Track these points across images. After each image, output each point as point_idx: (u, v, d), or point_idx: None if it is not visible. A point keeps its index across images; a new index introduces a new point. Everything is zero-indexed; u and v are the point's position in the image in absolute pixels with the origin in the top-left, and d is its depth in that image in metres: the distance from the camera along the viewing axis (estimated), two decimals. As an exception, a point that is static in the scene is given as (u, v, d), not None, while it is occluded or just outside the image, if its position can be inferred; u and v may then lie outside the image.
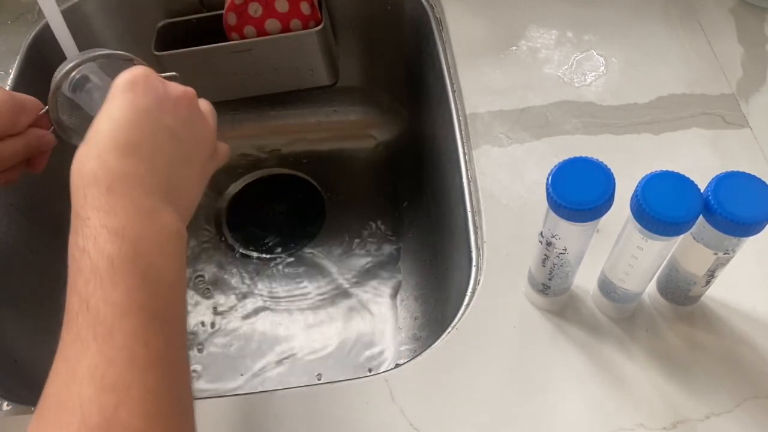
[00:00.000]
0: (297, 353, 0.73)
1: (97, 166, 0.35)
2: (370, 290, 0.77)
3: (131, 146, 0.36)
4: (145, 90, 0.39)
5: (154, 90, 0.39)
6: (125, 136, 0.36)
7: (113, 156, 0.35)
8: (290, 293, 0.77)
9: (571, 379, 0.46)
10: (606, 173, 0.38)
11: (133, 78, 0.39)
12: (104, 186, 0.34)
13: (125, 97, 0.38)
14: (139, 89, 0.38)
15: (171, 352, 0.33)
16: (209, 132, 0.44)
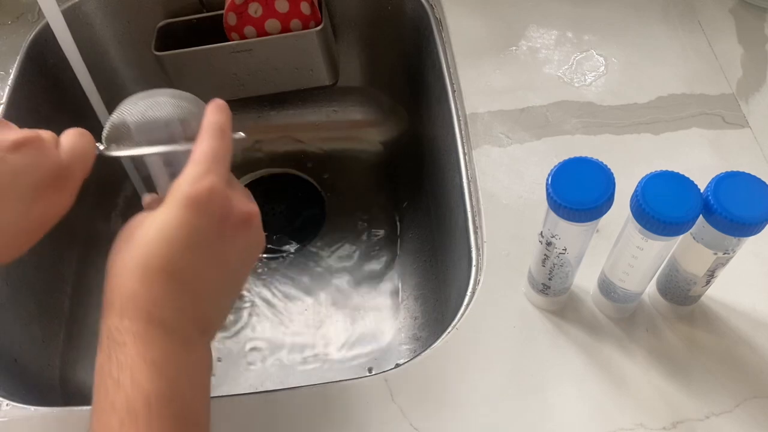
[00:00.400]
0: (297, 353, 0.73)
1: (140, 288, 0.33)
2: (370, 290, 0.77)
3: (180, 275, 0.34)
4: (209, 211, 0.35)
5: (219, 211, 0.35)
6: (176, 262, 0.34)
7: (159, 281, 0.33)
8: (290, 293, 0.77)
9: (571, 379, 0.46)
10: (606, 173, 0.38)
11: (199, 194, 0.34)
12: (145, 311, 0.32)
13: (186, 215, 0.34)
14: (203, 209, 0.35)
15: None
16: (259, 252, 0.40)
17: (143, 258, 0.33)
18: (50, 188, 0.36)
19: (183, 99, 0.42)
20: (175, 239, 0.34)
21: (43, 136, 0.37)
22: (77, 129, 0.39)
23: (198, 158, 0.37)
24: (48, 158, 0.36)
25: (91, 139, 0.39)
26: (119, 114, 0.41)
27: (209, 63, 0.73)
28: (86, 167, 0.38)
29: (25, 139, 0.36)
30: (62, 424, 0.46)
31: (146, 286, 0.33)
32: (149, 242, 0.34)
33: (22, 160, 0.35)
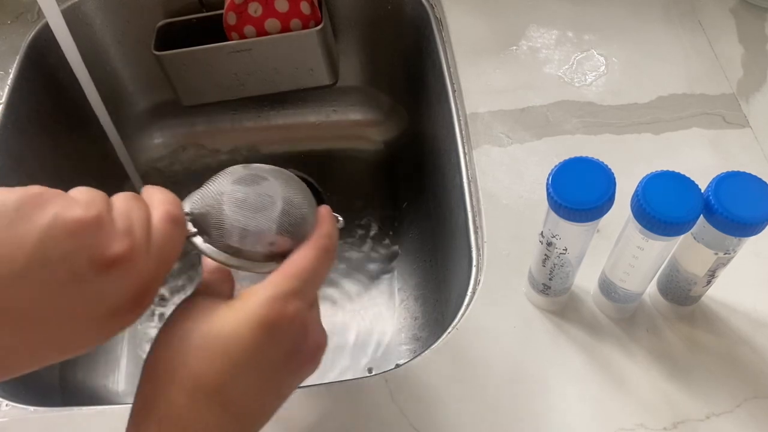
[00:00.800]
0: (297, 353, 0.73)
1: (185, 405, 0.30)
2: (370, 290, 0.77)
3: (231, 400, 0.30)
4: (284, 341, 0.32)
5: (293, 343, 0.32)
6: (232, 385, 0.30)
7: (207, 402, 0.30)
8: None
9: (572, 379, 0.46)
10: (606, 173, 0.38)
11: (279, 320, 0.31)
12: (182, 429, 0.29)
13: (257, 337, 0.31)
14: (277, 337, 0.31)
15: None
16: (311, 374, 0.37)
17: (197, 373, 0.30)
18: (131, 304, 0.30)
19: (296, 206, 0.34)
20: (237, 360, 0.30)
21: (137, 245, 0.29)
22: (171, 212, 0.31)
23: (293, 272, 0.33)
24: (139, 274, 0.29)
25: (185, 227, 0.33)
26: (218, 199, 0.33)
27: (209, 63, 0.73)
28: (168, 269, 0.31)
29: (122, 256, 0.28)
30: (62, 424, 0.46)
31: (193, 407, 0.30)
32: (208, 356, 0.30)
33: (110, 283, 0.28)
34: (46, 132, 0.72)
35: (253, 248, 0.34)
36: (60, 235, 0.26)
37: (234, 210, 0.33)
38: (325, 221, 0.35)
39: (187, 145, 0.90)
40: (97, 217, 0.28)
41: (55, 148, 0.73)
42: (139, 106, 0.87)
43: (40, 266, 0.26)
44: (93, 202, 0.28)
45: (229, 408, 0.30)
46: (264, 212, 0.33)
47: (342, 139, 0.90)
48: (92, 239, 0.27)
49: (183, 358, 0.30)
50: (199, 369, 0.30)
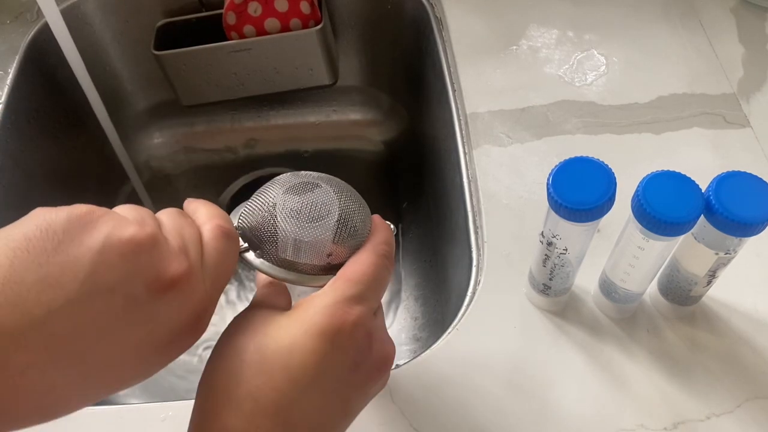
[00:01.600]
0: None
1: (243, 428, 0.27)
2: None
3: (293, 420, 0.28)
4: (348, 349, 0.29)
5: (357, 351, 0.30)
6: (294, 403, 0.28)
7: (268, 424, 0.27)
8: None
9: (572, 379, 0.46)
10: (607, 173, 0.38)
11: (341, 326, 0.29)
12: None
13: (319, 346, 0.28)
14: (340, 345, 0.29)
15: None
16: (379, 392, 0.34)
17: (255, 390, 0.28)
18: (189, 328, 0.28)
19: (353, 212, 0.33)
20: (298, 374, 0.28)
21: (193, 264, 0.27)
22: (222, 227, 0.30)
23: (354, 277, 0.31)
24: (197, 297, 0.28)
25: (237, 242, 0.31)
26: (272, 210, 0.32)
27: (209, 62, 0.73)
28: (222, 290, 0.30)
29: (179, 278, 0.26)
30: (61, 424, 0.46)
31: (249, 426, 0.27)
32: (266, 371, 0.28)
33: (167, 307, 0.27)
34: (46, 132, 0.72)
35: (309, 261, 0.32)
36: (114, 258, 0.25)
37: (288, 221, 0.31)
38: (381, 228, 0.34)
39: (187, 145, 0.89)
40: (152, 235, 0.26)
41: (54, 148, 0.73)
42: (139, 106, 0.87)
43: (94, 293, 0.24)
44: (144, 221, 0.26)
45: (286, 424, 0.28)
46: (320, 221, 0.31)
47: (342, 139, 0.90)
48: (148, 260, 0.26)
49: (239, 376, 0.28)
50: (257, 387, 0.28)
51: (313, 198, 0.32)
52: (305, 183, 0.33)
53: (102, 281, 0.24)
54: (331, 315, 0.29)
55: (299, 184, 0.33)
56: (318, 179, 0.33)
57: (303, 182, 0.33)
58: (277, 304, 0.33)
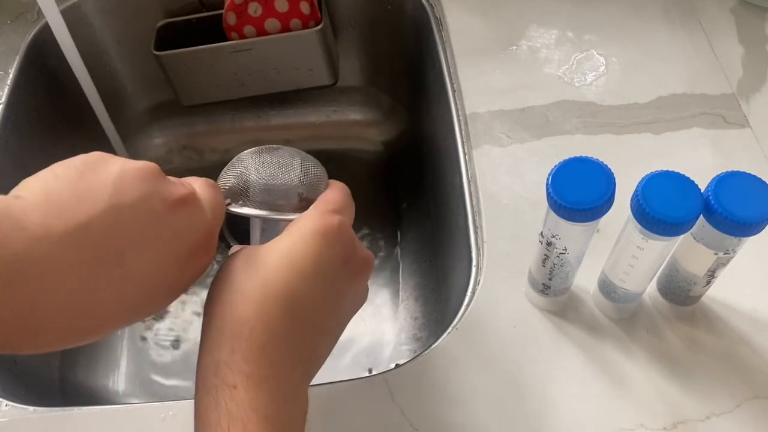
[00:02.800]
0: (297, 353, 0.73)
1: (256, 316, 0.31)
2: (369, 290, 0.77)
3: (299, 305, 0.32)
4: (337, 246, 0.34)
5: (346, 248, 0.34)
6: (297, 291, 0.32)
7: (277, 311, 0.31)
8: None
9: (572, 379, 0.46)
10: (606, 173, 0.38)
11: (329, 227, 0.34)
12: (258, 343, 0.30)
13: (314, 245, 0.33)
14: (331, 242, 0.33)
15: None
16: (363, 302, 0.39)
17: (265, 282, 0.32)
18: (201, 248, 0.32)
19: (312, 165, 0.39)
20: (300, 266, 0.32)
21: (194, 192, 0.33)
22: (208, 181, 0.35)
23: (328, 199, 0.36)
24: (202, 217, 0.33)
25: (221, 192, 0.36)
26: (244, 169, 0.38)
27: (209, 63, 0.73)
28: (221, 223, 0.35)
29: (186, 197, 0.32)
30: (61, 424, 0.46)
31: (264, 315, 0.31)
32: (271, 268, 0.32)
33: (182, 221, 0.31)
34: (46, 132, 0.72)
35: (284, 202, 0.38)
36: (132, 180, 0.29)
37: (261, 173, 0.38)
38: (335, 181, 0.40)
39: (186, 145, 0.90)
40: (158, 169, 0.31)
41: (54, 148, 0.73)
42: (139, 106, 0.87)
43: (121, 205, 0.29)
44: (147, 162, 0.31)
45: (299, 315, 0.32)
46: (287, 169, 0.38)
47: (342, 139, 0.90)
48: (159, 184, 0.31)
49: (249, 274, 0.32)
50: (265, 281, 0.31)
51: (278, 153, 0.39)
52: (268, 147, 0.39)
53: (125, 197, 0.29)
54: (321, 220, 0.34)
55: (264, 148, 0.39)
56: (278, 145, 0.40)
57: (266, 147, 0.39)
58: None
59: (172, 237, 0.31)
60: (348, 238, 0.35)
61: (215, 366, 0.30)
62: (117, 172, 0.29)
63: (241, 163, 0.38)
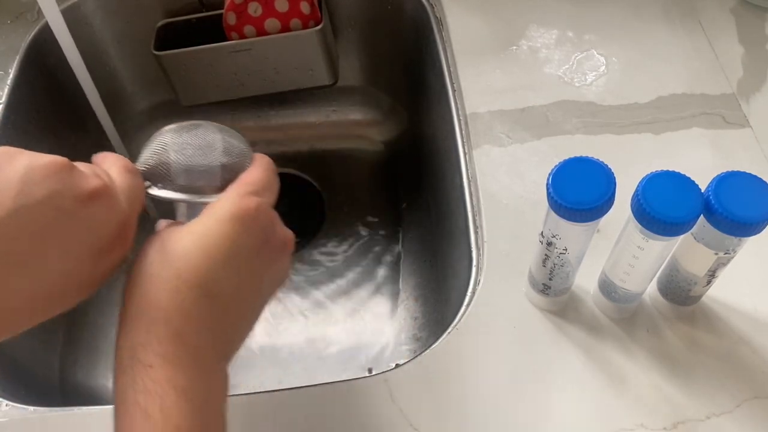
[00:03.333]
0: (297, 353, 0.73)
1: (171, 303, 0.31)
2: (369, 290, 0.77)
3: (214, 291, 0.32)
4: (254, 229, 0.34)
5: (263, 231, 0.35)
6: (212, 277, 0.32)
7: (192, 297, 0.31)
8: (290, 293, 0.77)
9: (572, 379, 0.46)
10: (606, 173, 0.38)
11: (246, 210, 0.34)
12: (173, 328, 0.31)
13: (229, 228, 0.33)
14: (247, 225, 0.33)
15: None
16: (285, 280, 0.39)
17: (177, 269, 0.32)
18: (116, 240, 0.32)
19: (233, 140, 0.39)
20: (214, 252, 0.32)
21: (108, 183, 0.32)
22: (126, 166, 0.35)
23: (247, 180, 0.36)
24: (117, 209, 0.32)
25: (141, 177, 0.36)
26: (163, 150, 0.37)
27: (209, 63, 0.73)
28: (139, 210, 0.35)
29: (99, 190, 0.31)
30: (61, 424, 0.46)
31: (178, 302, 0.31)
32: (185, 253, 0.32)
33: (94, 215, 0.30)
34: (46, 132, 0.72)
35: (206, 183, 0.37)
36: (39, 177, 0.28)
37: (180, 155, 0.36)
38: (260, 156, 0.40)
39: (187, 145, 0.89)
40: (68, 162, 0.30)
41: (54, 148, 0.73)
42: (139, 106, 0.87)
43: (27, 206, 0.28)
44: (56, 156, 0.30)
45: (215, 299, 0.32)
46: (208, 148, 0.37)
47: (342, 139, 0.90)
48: (68, 179, 0.29)
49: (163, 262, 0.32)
50: (178, 268, 0.32)
51: (198, 133, 0.37)
52: (188, 124, 0.38)
53: (31, 196, 0.28)
54: (238, 203, 0.34)
55: (183, 126, 0.38)
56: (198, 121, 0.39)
57: (186, 124, 0.38)
58: None
59: (84, 232, 0.30)
60: (266, 220, 0.35)
61: (132, 348, 0.30)
62: (23, 169, 0.28)
63: (161, 142, 0.37)
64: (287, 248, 0.37)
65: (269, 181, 0.37)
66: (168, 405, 0.29)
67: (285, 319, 0.75)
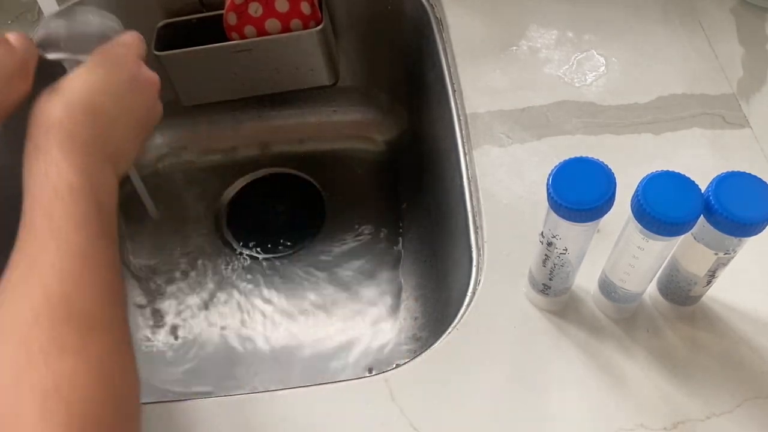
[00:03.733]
0: (297, 353, 0.73)
1: (64, 114, 0.40)
2: (370, 290, 0.77)
3: (97, 109, 0.42)
4: (123, 67, 0.45)
5: (130, 71, 0.46)
6: (94, 100, 0.42)
7: (79, 110, 0.41)
8: (290, 293, 0.77)
9: (572, 379, 0.46)
10: (606, 173, 0.38)
11: (114, 55, 0.45)
12: (66, 130, 0.40)
13: (104, 68, 0.44)
14: (117, 65, 0.45)
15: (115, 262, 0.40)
16: (158, 114, 0.50)
17: (67, 96, 0.41)
18: (17, 77, 0.43)
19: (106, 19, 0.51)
20: (94, 81, 0.43)
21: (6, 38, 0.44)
22: (21, 34, 0.45)
23: (116, 40, 0.48)
24: (15, 54, 0.43)
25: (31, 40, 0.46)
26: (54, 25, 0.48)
27: (209, 63, 0.73)
28: (35, 62, 0.45)
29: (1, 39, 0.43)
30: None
31: (69, 114, 0.40)
32: (73, 84, 0.42)
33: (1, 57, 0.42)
34: (46, 132, 0.72)
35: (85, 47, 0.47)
36: None
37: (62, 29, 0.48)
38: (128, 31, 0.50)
39: (187, 145, 0.90)
40: None
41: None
42: (139, 106, 0.87)
43: None
44: None
45: (99, 115, 0.42)
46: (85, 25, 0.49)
47: (342, 139, 0.90)
48: None
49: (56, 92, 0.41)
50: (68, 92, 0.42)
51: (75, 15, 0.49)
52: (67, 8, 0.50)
53: None
54: (108, 50, 0.46)
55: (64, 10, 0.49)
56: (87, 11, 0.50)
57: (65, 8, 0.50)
58: None
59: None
60: (133, 63, 0.46)
61: (35, 145, 0.40)
62: None
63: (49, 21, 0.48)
64: (153, 85, 0.48)
65: (133, 40, 0.49)
66: (63, 171, 0.38)
67: (285, 319, 0.75)
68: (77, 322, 0.34)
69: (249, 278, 0.79)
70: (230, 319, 0.76)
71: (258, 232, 0.83)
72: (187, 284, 0.78)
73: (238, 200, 0.86)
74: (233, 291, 0.78)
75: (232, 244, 0.82)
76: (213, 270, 0.80)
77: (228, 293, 0.78)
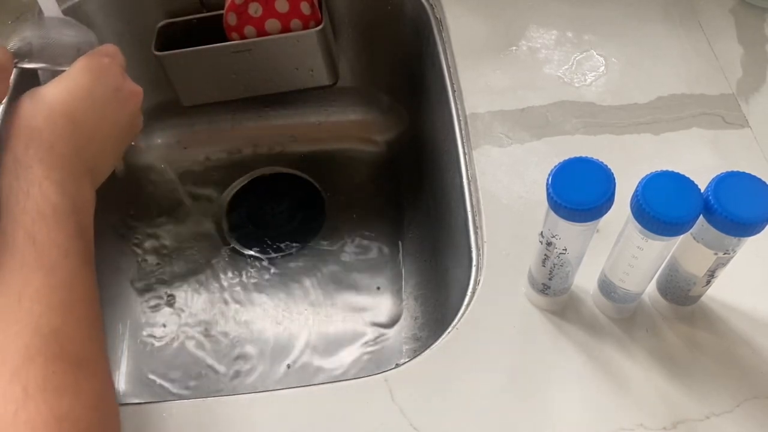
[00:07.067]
0: (296, 353, 0.73)
1: (45, 125, 0.40)
2: (369, 290, 0.77)
3: (78, 120, 0.42)
4: (106, 79, 0.45)
5: (114, 81, 0.46)
6: (76, 110, 0.42)
7: (61, 121, 0.41)
8: (290, 293, 0.77)
9: (572, 379, 0.46)
10: (606, 173, 0.38)
11: (98, 65, 0.45)
12: (48, 143, 0.40)
13: (87, 76, 0.44)
14: (101, 75, 0.45)
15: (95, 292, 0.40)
16: (139, 127, 0.50)
17: (49, 102, 0.41)
18: None
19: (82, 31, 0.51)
20: (76, 91, 0.43)
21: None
22: None
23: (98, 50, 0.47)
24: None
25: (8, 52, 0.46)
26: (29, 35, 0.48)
27: (209, 63, 0.73)
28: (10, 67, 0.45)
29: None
30: (62, 424, 0.46)
31: (50, 125, 0.40)
32: (55, 93, 0.42)
33: None
34: (47, 132, 0.72)
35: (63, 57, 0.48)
36: None
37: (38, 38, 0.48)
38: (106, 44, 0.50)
39: (187, 145, 0.90)
40: None
41: None
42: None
43: None
44: None
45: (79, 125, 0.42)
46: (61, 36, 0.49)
47: (342, 139, 0.90)
48: None
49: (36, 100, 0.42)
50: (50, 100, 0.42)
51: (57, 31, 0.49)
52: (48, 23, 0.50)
53: None
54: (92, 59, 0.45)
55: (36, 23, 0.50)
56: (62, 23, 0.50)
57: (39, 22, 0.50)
58: None
59: None
60: (116, 73, 0.46)
61: (15, 159, 0.39)
62: None
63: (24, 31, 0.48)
64: (136, 97, 0.48)
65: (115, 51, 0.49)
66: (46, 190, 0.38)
67: (285, 319, 0.75)
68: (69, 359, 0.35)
69: (249, 278, 0.79)
70: (230, 319, 0.76)
71: (258, 232, 0.83)
72: (186, 284, 0.79)
73: (237, 200, 0.86)
74: (233, 291, 0.78)
75: (231, 244, 0.82)
76: (212, 270, 0.80)
77: (227, 293, 0.78)
